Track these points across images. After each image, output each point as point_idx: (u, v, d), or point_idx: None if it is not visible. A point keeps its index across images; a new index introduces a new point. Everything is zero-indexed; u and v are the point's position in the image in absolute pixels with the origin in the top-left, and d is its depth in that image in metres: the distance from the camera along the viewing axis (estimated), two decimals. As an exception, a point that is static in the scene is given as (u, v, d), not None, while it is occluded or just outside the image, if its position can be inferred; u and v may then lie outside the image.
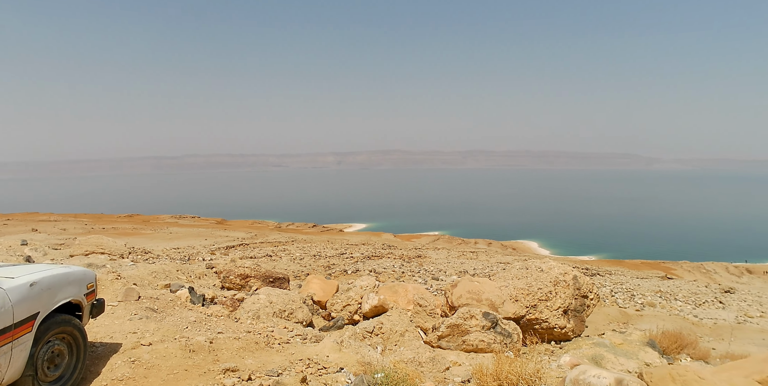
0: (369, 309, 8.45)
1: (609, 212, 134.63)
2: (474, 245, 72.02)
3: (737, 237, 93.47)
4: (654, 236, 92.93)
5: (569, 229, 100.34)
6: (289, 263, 35.56)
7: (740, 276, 57.21)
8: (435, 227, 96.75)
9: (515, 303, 7.74)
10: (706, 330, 21.11)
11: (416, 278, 30.63)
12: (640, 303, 26.46)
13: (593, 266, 49.72)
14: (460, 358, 6.38)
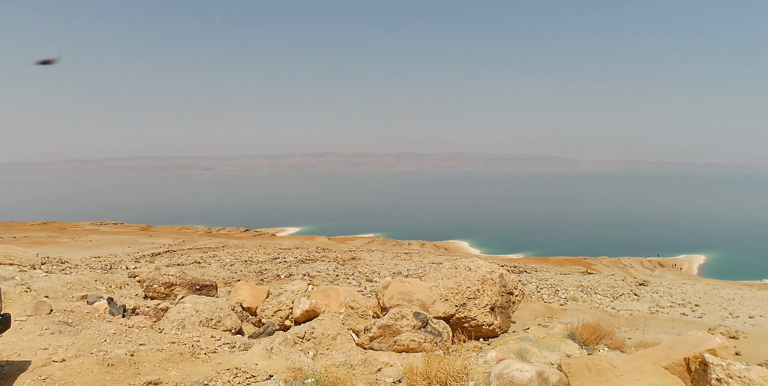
0: (300, 313, 8.37)
1: (534, 212, 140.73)
2: (408, 246, 72.98)
3: (650, 233, 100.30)
4: (576, 234, 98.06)
5: (498, 229, 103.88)
6: (219, 269, 34.53)
7: (653, 270, 61.50)
8: (369, 229, 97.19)
9: (445, 302, 7.91)
10: (623, 320, 22.55)
11: (350, 281, 30.65)
12: (563, 298, 27.84)
13: (521, 264, 51.78)
14: (392, 359, 6.44)
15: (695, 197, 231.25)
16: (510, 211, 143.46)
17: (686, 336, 4.86)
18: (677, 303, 28.83)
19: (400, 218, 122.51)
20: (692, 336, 4.74)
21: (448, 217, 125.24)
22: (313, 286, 11.37)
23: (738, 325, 22.96)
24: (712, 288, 38.11)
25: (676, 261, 69.84)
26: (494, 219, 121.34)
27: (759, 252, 79.42)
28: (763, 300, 32.31)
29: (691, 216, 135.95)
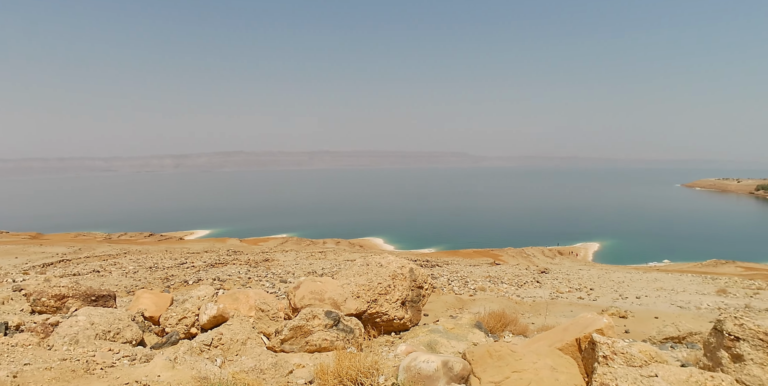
0: (207, 320, 8.03)
1: (445, 207, 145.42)
2: (323, 245, 72.65)
3: (551, 224, 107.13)
4: (483, 227, 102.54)
5: (411, 224, 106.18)
6: (121, 278, 32.44)
7: (553, 258, 65.75)
8: (283, 229, 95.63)
9: (357, 299, 7.94)
10: (527, 307, 23.87)
11: (263, 283, 29.95)
12: (473, 289, 28.98)
13: (433, 258, 53.28)
14: (304, 360, 6.36)
15: (590, 189, 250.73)
16: (422, 206, 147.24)
17: (578, 318, 5.22)
18: (575, 288, 31.03)
19: (315, 216, 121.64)
20: (583, 318, 5.11)
21: (363, 214, 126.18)
22: (224, 290, 10.97)
23: (627, 305, 25.10)
24: (605, 273, 41.46)
25: (574, 249, 75.26)
26: (407, 215, 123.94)
27: (644, 238, 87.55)
28: (648, 282, 35.63)
29: (587, 207, 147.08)
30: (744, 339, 4.87)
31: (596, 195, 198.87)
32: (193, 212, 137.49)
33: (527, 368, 3.91)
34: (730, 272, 53.76)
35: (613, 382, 3.70)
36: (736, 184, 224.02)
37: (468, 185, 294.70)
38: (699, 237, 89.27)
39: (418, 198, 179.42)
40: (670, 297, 28.75)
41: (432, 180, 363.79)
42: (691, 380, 4.15)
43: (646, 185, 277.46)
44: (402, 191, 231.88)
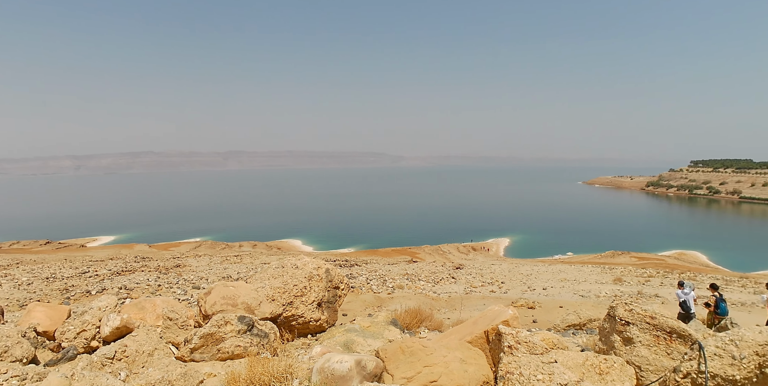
0: (110, 331, 7.52)
1: (363, 206, 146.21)
2: (239, 248, 70.55)
3: (465, 221, 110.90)
4: (401, 225, 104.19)
5: (330, 225, 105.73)
6: (12, 290, 29.59)
7: (468, 254, 68.11)
8: (196, 233, 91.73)
9: (272, 302, 7.77)
10: (443, 302, 24.55)
11: (175, 290, 28.54)
12: (391, 287, 29.35)
13: (352, 258, 53.39)
14: (216, 368, 6.13)
15: (500, 187, 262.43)
16: (341, 207, 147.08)
17: (486, 311, 5.44)
18: (487, 282, 32.35)
19: (231, 219, 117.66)
20: (491, 311, 5.33)
21: (281, 216, 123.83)
22: (131, 299, 10.31)
23: (535, 297, 26.53)
24: (515, 267, 43.59)
25: (486, 245, 78.45)
26: (326, 216, 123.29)
27: (550, 233, 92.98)
28: (554, 274, 37.91)
29: (498, 204, 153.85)
30: (633, 323, 5.29)
31: (506, 193, 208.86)
32: (96, 217, 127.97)
33: (438, 362, 4.01)
34: (626, 262, 58.51)
35: (516, 370, 3.88)
36: (630, 181, 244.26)
37: (386, 184, 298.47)
38: (598, 230, 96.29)
39: (337, 198, 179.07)
40: (573, 287, 30.76)
41: (350, 180, 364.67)
42: (587, 363, 4.45)
43: (551, 183, 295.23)
44: (320, 191, 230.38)
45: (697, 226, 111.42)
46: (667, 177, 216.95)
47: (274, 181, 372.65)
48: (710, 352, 4.06)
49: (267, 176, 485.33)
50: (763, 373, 4.01)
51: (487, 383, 4.07)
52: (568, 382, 3.74)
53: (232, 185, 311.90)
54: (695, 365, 4.04)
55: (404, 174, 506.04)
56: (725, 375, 3.95)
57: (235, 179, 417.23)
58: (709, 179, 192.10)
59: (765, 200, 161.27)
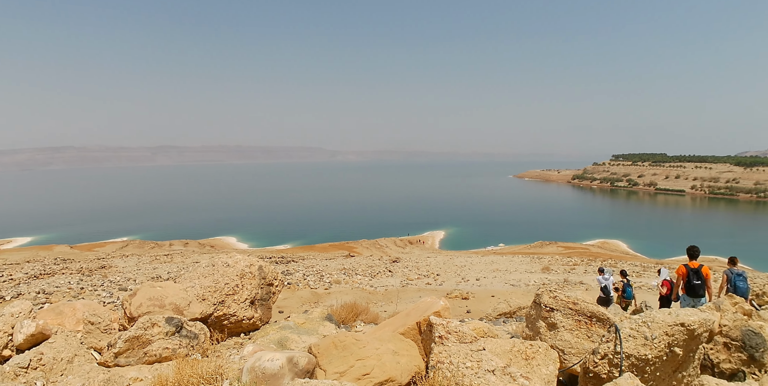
0: (24, 339, 7.00)
1: (300, 202, 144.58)
2: (169, 247, 67.92)
3: (401, 215, 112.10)
4: (339, 220, 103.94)
5: (266, 221, 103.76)
6: None
7: (404, 247, 68.96)
8: (123, 232, 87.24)
9: (202, 302, 7.53)
10: (380, 296, 24.76)
11: (99, 293, 27.10)
12: (328, 282, 29.26)
13: (288, 254, 52.73)
14: (142, 372, 5.86)
15: (436, 181, 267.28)
16: (277, 203, 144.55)
17: (419, 302, 5.53)
18: (423, 275, 32.95)
19: (160, 217, 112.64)
20: (423, 302, 5.42)
21: (214, 213, 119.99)
22: (50, 304, 9.66)
23: (468, 287, 27.31)
24: (450, 259, 44.61)
25: (422, 238, 79.77)
26: (262, 212, 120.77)
27: (483, 225, 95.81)
28: (486, 265, 39.16)
29: (433, 198, 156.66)
30: (557, 310, 5.54)
31: (441, 187, 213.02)
32: (9, 217, 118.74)
33: (370, 355, 4.03)
34: (553, 251, 61.33)
35: (447, 359, 3.97)
36: (557, 174, 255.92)
37: (322, 179, 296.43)
38: (528, 222, 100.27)
39: (273, 194, 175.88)
40: (504, 276, 31.90)
41: (286, 175, 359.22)
42: (514, 349, 4.62)
43: (485, 177, 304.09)
44: (255, 186, 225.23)
45: (618, 216, 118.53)
46: (591, 170, 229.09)
47: (206, 176, 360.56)
48: (625, 334, 4.32)
49: (199, 172, 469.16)
50: (672, 352, 4.31)
51: (419, 373, 4.14)
52: (495, 368, 3.87)
53: (161, 181, 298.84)
54: (612, 346, 4.29)
55: (341, 169, 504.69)
56: (639, 355, 4.22)
57: (165, 175, 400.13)
58: (629, 172, 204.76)
59: (677, 191, 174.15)
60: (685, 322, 4.26)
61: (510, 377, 3.82)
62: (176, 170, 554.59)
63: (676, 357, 4.37)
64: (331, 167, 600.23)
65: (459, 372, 3.86)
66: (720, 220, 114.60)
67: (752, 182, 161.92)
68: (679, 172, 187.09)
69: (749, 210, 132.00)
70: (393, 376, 3.89)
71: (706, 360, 5.21)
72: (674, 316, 4.32)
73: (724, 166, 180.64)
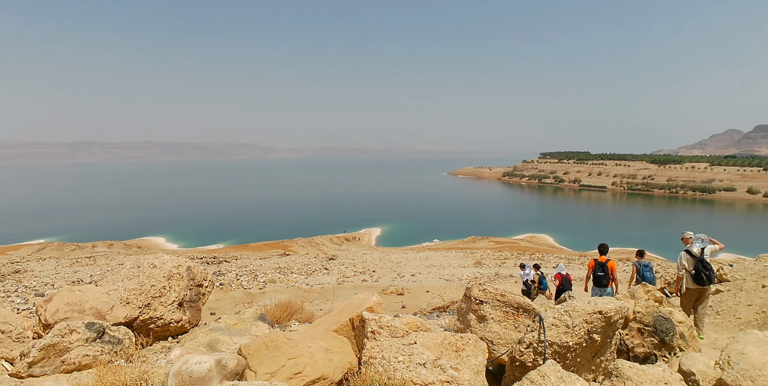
0: None
1: (232, 200, 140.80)
2: (92, 249, 64.23)
3: (338, 212, 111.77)
4: (273, 219, 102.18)
5: (197, 221, 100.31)
6: None
7: (341, 245, 68.82)
8: (40, 234, 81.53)
9: (126, 305, 7.18)
10: (316, 294, 24.58)
11: (13, 299, 25.19)
12: (262, 282, 28.70)
13: (221, 254, 51.24)
14: (60, 382, 5.51)
15: (373, 178, 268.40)
16: (208, 201, 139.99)
17: (353, 299, 5.54)
18: (359, 272, 33.02)
19: (81, 217, 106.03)
20: (357, 298, 5.44)
21: (141, 212, 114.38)
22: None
23: (404, 283, 27.65)
24: (386, 255, 44.98)
25: (358, 235, 79.93)
26: (192, 211, 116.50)
27: (418, 221, 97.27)
28: (421, 260, 39.79)
29: (370, 195, 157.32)
30: (486, 302, 5.72)
31: (378, 184, 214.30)
32: None
33: (303, 353, 3.99)
34: (485, 246, 63.22)
35: (379, 354, 4.01)
36: (489, 171, 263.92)
37: (256, 177, 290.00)
38: (461, 218, 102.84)
39: (204, 193, 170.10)
40: (439, 272, 32.56)
41: (218, 173, 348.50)
42: (445, 342, 4.72)
43: (420, 174, 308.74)
44: (186, 185, 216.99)
45: (545, 212, 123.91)
46: (520, 168, 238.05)
47: (133, 174, 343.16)
48: (549, 323, 4.52)
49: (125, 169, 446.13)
50: (591, 338, 4.57)
51: (351, 369, 4.14)
52: (426, 361, 3.94)
53: (82, 179, 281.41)
54: (536, 335, 4.48)
55: (276, 166, 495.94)
56: (561, 343, 4.43)
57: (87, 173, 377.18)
58: (555, 170, 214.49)
59: (599, 187, 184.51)
60: (602, 310, 4.53)
61: (440, 369, 3.91)
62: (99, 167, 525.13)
63: (595, 343, 4.63)
64: (266, 164, 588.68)
65: (391, 366, 3.90)
66: (637, 214, 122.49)
67: (665, 178, 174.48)
68: (601, 169, 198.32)
69: (663, 205, 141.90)
70: (325, 374, 3.88)
71: (622, 345, 5.56)
72: (593, 305, 4.58)
73: (641, 164, 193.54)
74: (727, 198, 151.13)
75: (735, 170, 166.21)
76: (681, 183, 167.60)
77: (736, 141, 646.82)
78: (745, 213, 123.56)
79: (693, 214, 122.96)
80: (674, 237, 9.79)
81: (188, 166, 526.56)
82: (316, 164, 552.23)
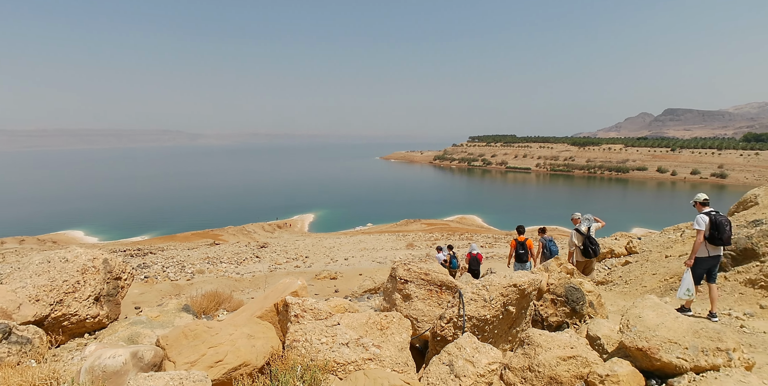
0: None
1: (158, 190, 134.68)
2: (0, 246, 59.57)
3: (270, 199, 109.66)
4: (202, 208, 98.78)
5: (119, 212, 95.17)
6: None
7: (273, 232, 67.80)
8: (-64, 231, 74.48)
9: (36, 303, 6.75)
10: (247, 283, 24.17)
11: None
12: (190, 273, 27.84)
13: (147, 246, 49.15)
14: (-40, 388, 5.13)
15: (305, 163, 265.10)
16: (131, 191, 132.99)
17: (278, 284, 5.50)
18: (292, 258, 32.75)
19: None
20: (282, 283, 5.40)
21: (57, 204, 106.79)
22: None
23: (337, 267, 27.73)
24: (319, 241, 44.81)
25: (291, 222, 78.99)
26: (114, 201, 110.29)
27: (352, 206, 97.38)
28: (354, 244, 40.01)
29: (302, 181, 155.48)
30: (411, 281, 5.85)
31: (310, 169, 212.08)
32: None
33: (224, 341, 3.93)
34: (417, 228, 64.44)
35: (303, 337, 4.02)
36: (421, 155, 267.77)
37: (183, 165, 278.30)
38: (394, 201, 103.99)
39: (126, 182, 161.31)
40: (371, 255, 32.90)
41: (141, 161, 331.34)
42: (370, 321, 4.80)
43: (352, 159, 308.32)
44: (104, 174, 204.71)
45: (474, 193, 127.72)
46: (450, 151, 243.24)
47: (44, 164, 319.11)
48: (468, 298, 4.70)
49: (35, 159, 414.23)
50: (507, 310, 4.80)
51: (275, 354, 4.13)
52: (349, 341, 4.00)
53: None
54: (456, 311, 4.65)
55: (203, 153, 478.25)
56: (479, 316, 4.63)
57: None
58: (484, 153, 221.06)
59: (524, 169, 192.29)
60: (517, 283, 4.76)
61: (363, 347, 3.98)
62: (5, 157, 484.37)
63: (511, 315, 4.87)
64: (193, 151, 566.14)
65: (314, 348, 3.92)
66: (559, 193, 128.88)
67: (585, 159, 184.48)
68: (526, 152, 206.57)
69: (582, 184, 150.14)
70: (248, 360, 3.84)
71: (537, 315, 5.89)
72: (508, 279, 4.81)
73: (562, 146, 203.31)
74: (640, 177, 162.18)
75: (646, 150, 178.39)
76: (599, 164, 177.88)
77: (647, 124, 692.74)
78: (655, 190, 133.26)
79: (609, 192, 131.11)
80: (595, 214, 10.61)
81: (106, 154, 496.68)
82: (247, 150, 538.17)
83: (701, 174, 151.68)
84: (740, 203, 12.23)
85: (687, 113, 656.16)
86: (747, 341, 5.88)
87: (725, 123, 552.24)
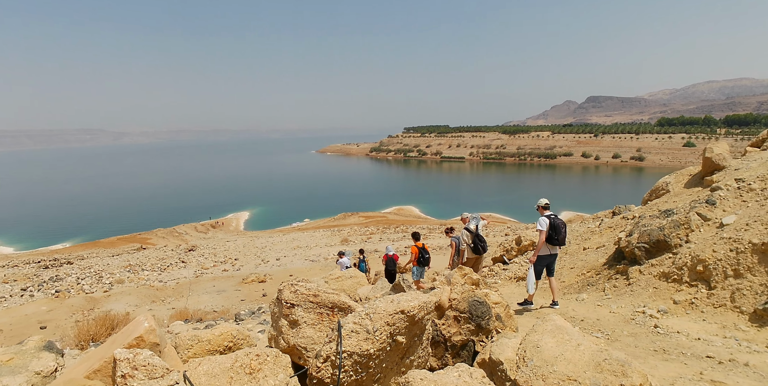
0: None
1: (80, 193, 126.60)
2: None
3: (202, 198, 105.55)
4: (129, 210, 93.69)
5: (36, 218, 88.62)
6: None
7: (206, 232, 65.19)
8: None
9: None
10: (169, 291, 22.70)
11: None
12: (108, 283, 25.94)
13: (65, 255, 45.85)
14: None
15: (237, 160, 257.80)
16: (49, 195, 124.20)
17: (132, 322, 4.64)
18: (220, 261, 31.27)
19: None
20: (134, 322, 4.55)
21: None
22: None
23: (267, 269, 26.67)
24: (251, 240, 43.28)
25: (225, 221, 76.36)
26: (29, 208, 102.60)
27: (288, 202, 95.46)
28: (288, 243, 38.87)
29: (236, 178, 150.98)
30: (298, 305, 5.14)
31: (243, 166, 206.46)
32: None
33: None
34: (355, 222, 63.86)
35: (127, 405, 3.22)
36: (357, 148, 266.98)
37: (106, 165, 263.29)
38: (331, 195, 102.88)
39: (42, 186, 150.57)
40: (305, 253, 31.97)
41: (59, 163, 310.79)
42: (236, 365, 4.05)
43: (287, 154, 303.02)
44: (18, 178, 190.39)
45: (410, 184, 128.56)
46: (386, 143, 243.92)
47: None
48: (348, 330, 4.04)
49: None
50: (395, 341, 4.18)
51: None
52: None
53: None
54: (334, 346, 3.99)
55: (129, 152, 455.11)
56: (361, 351, 3.98)
57: None
58: (419, 143, 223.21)
59: (458, 158, 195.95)
60: (405, 309, 4.15)
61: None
62: None
63: (400, 346, 4.27)
64: (117, 150, 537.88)
65: (141, 419, 3.15)
66: (492, 181, 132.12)
67: (515, 147, 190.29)
68: (459, 141, 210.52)
69: (513, 171, 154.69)
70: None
71: (438, 336, 5.35)
72: (395, 303, 4.19)
73: (494, 134, 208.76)
74: (567, 162, 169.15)
75: (572, 137, 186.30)
76: (528, 151, 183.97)
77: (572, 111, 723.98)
78: (581, 175, 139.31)
79: (539, 178, 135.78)
80: (527, 201, 10.45)
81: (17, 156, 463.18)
82: (175, 147, 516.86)
83: (622, 158, 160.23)
84: (653, 191, 12.34)
85: (608, 100, 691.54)
86: (661, 345, 5.62)
87: (641, 109, 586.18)
